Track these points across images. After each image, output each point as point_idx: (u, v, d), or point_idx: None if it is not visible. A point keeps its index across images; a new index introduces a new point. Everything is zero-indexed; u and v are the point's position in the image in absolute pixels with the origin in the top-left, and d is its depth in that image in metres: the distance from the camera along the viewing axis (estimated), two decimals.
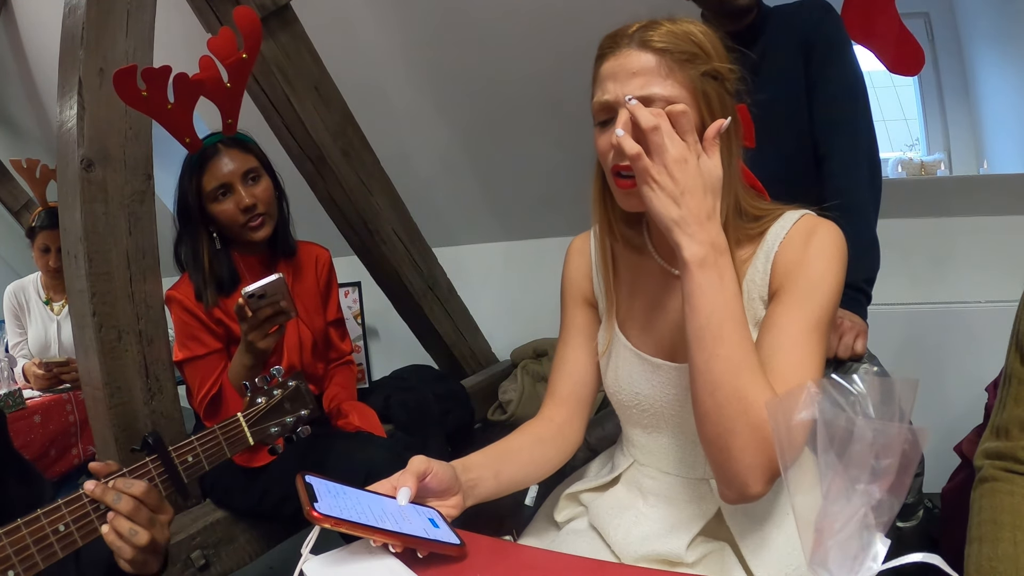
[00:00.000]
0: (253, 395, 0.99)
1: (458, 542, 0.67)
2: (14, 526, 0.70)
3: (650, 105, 0.73)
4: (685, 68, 0.74)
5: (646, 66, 0.74)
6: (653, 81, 0.74)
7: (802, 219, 0.81)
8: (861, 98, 1.35)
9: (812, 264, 0.77)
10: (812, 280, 0.76)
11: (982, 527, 0.73)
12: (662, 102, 0.73)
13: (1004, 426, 0.79)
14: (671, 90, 0.74)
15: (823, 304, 0.75)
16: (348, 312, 2.86)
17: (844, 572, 0.49)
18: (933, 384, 1.91)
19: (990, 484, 0.76)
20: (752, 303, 0.81)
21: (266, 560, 1.60)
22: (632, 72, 0.75)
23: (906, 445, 0.48)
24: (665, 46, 0.74)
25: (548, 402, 0.95)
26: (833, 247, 0.78)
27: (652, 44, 0.74)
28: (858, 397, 0.50)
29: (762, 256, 0.81)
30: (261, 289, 1.20)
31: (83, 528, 0.75)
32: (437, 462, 0.77)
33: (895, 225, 1.94)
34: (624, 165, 0.75)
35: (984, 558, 0.70)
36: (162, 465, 0.84)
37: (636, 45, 0.75)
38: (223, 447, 0.92)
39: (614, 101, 0.76)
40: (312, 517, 0.62)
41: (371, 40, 2.30)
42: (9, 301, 2.56)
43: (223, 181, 1.44)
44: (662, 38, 0.74)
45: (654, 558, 0.80)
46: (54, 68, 1.46)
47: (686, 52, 0.74)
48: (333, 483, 0.72)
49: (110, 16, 1.40)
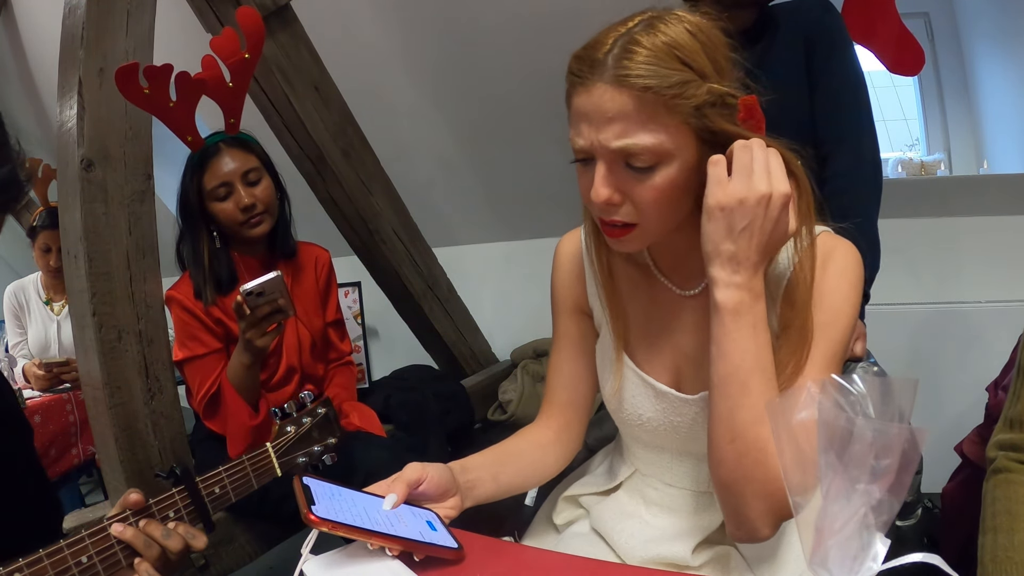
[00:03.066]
0: (283, 424, 0.95)
1: (455, 545, 0.67)
2: (35, 557, 0.68)
3: (631, 158, 0.65)
4: (673, 107, 0.64)
5: (624, 110, 0.64)
6: (632, 128, 0.64)
7: (819, 238, 0.73)
8: (862, 96, 1.35)
9: (832, 291, 0.71)
10: (832, 310, 0.71)
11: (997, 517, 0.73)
12: (649, 153, 0.65)
13: (1018, 418, 0.79)
14: (656, 137, 0.64)
15: (841, 334, 0.71)
16: (348, 312, 2.86)
17: (844, 572, 0.49)
18: (933, 384, 1.91)
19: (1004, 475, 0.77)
20: None
21: (266, 560, 1.60)
22: (608, 117, 0.65)
23: (906, 445, 0.48)
24: (646, 83, 0.63)
25: (545, 409, 0.93)
26: (851, 272, 0.72)
27: (629, 81, 0.63)
28: (858, 397, 0.50)
29: (772, 280, 0.75)
30: (259, 287, 1.20)
31: (106, 560, 0.72)
32: (432, 466, 0.75)
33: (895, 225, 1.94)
34: (614, 220, 0.70)
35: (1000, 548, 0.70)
36: (188, 497, 0.81)
37: (611, 81, 0.64)
38: (251, 478, 0.89)
39: (590, 148, 0.67)
40: (309, 521, 0.62)
41: (371, 40, 2.30)
42: (9, 301, 2.56)
43: (224, 180, 1.44)
44: (642, 71, 0.63)
45: (659, 561, 0.79)
46: (54, 68, 1.46)
47: (673, 85, 0.63)
48: (330, 484, 0.72)
49: (110, 16, 1.40)
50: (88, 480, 2.78)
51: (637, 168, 0.66)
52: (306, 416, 0.96)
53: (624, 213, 0.69)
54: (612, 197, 0.68)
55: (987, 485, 0.78)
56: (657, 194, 0.67)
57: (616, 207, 0.69)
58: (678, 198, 0.69)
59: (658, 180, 0.67)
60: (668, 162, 0.66)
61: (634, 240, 0.72)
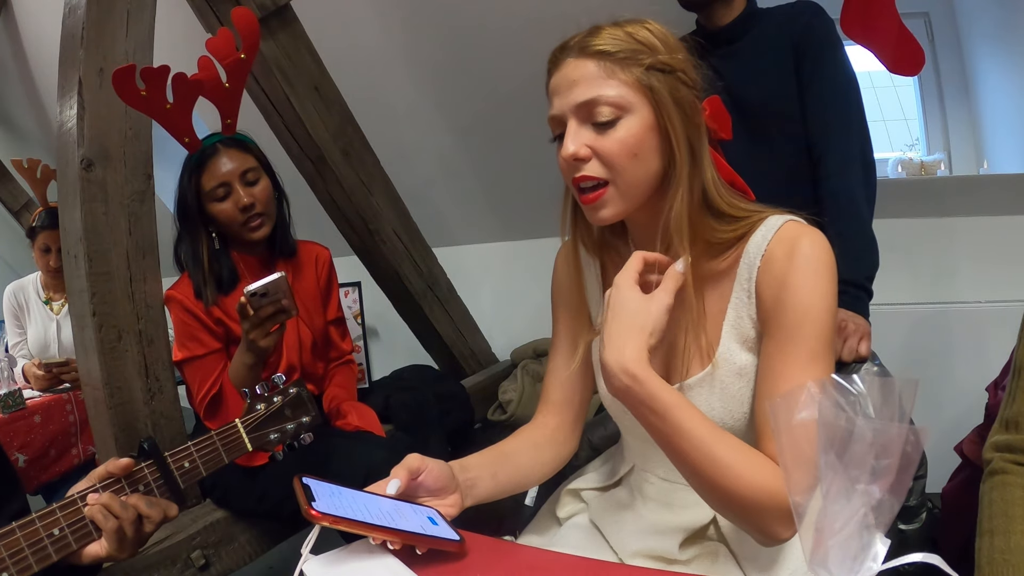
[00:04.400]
0: (252, 401, 0.99)
1: (457, 538, 0.67)
2: (8, 529, 0.71)
3: (596, 108, 0.73)
4: (627, 66, 0.73)
5: (586, 73, 0.74)
6: (594, 85, 0.73)
7: (784, 226, 0.75)
8: (854, 98, 1.36)
9: (799, 287, 0.72)
10: (802, 307, 0.71)
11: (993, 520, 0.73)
12: (607, 104, 0.73)
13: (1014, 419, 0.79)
14: (615, 90, 0.73)
15: (818, 330, 0.71)
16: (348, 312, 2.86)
17: (844, 572, 0.49)
18: (933, 384, 1.91)
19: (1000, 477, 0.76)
20: (741, 322, 0.78)
21: (266, 560, 1.60)
22: (573, 81, 0.74)
23: (906, 445, 0.47)
24: (604, 48, 0.74)
25: (542, 408, 0.95)
26: (819, 261, 0.72)
27: (591, 49, 0.74)
28: (858, 397, 0.50)
29: (745, 271, 0.77)
30: (263, 288, 1.20)
31: (77, 532, 0.76)
32: (433, 460, 0.77)
33: (895, 225, 1.94)
34: (583, 176, 0.75)
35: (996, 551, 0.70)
36: (158, 471, 0.84)
37: (575, 54, 0.75)
38: (220, 453, 0.92)
39: (560, 115, 0.76)
40: (310, 516, 0.62)
41: (371, 40, 2.30)
42: (9, 301, 2.56)
43: (222, 180, 1.44)
44: (601, 41, 0.74)
45: (648, 554, 0.81)
46: (54, 68, 1.46)
47: (626, 50, 0.73)
48: (330, 484, 0.72)
49: (110, 16, 1.40)
50: None
51: (601, 123, 0.74)
52: (277, 395, 1.00)
53: (593, 168, 0.75)
54: (580, 151, 0.74)
55: (983, 487, 0.78)
56: (620, 146, 0.74)
57: (584, 162, 0.75)
58: (642, 154, 0.75)
59: (620, 132, 0.73)
60: (627, 115, 0.74)
61: (609, 202, 0.76)
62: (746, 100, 1.41)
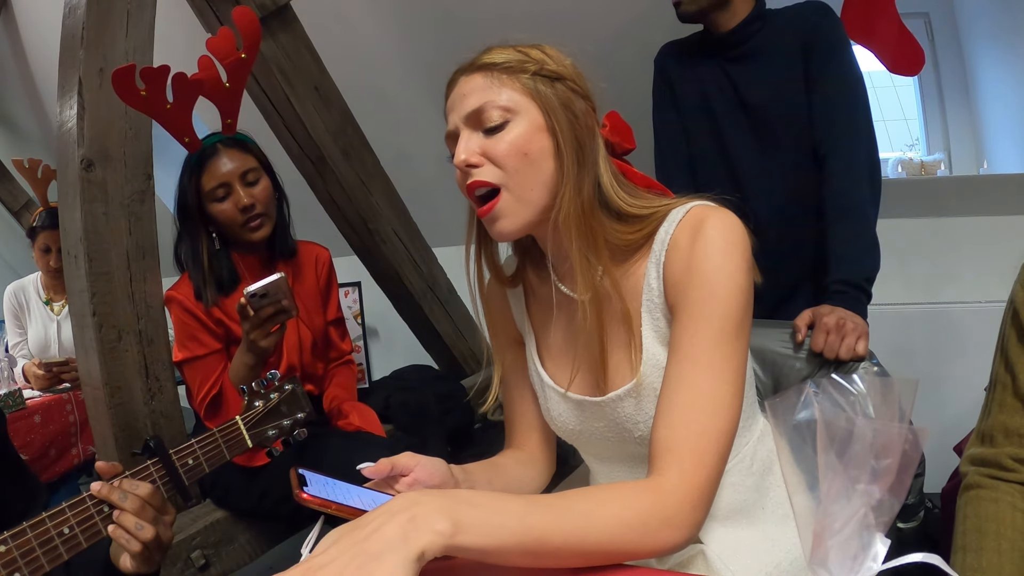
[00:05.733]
0: (250, 399, 1.00)
1: None
2: (19, 529, 0.71)
3: (484, 114, 0.74)
4: (513, 74, 0.75)
5: (475, 86, 0.75)
6: (482, 94, 0.75)
7: (689, 213, 0.74)
8: (861, 99, 1.35)
9: (701, 267, 0.70)
10: (706, 286, 0.69)
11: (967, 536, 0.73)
12: (495, 108, 0.74)
13: (989, 432, 0.79)
14: (502, 96, 0.74)
15: (725, 308, 0.68)
16: (348, 312, 2.86)
17: (844, 572, 0.49)
18: (933, 384, 1.91)
19: (975, 491, 0.76)
20: (656, 322, 0.76)
21: (266, 560, 1.60)
22: (463, 95, 0.76)
23: (906, 445, 0.48)
24: (490, 60, 0.76)
25: (509, 440, 0.96)
26: (722, 239, 0.70)
27: (477, 63, 0.76)
28: (858, 397, 0.50)
29: (653, 265, 0.75)
30: (263, 288, 1.20)
31: (87, 530, 0.76)
32: (427, 457, 0.78)
33: (895, 225, 1.94)
34: (476, 182, 0.75)
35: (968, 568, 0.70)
36: (163, 468, 0.86)
37: (465, 71, 0.77)
38: (222, 450, 0.94)
39: (453, 129, 0.77)
40: (300, 499, 0.63)
41: (371, 40, 2.30)
42: (9, 301, 2.56)
43: (222, 180, 1.44)
44: (488, 56, 0.76)
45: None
46: (54, 68, 1.46)
47: (512, 61, 0.75)
48: (326, 476, 0.73)
49: (110, 16, 1.40)
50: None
51: (490, 128, 0.74)
52: (273, 392, 1.02)
53: (485, 173, 0.75)
54: (471, 157, 0.74)
55: (959, 501, 0.77)
56: (510, 147, 0.73)
57: (478, 167, 0.75)
58: (533, 155, 0.74)
59: (510, 135, 0.74)
60: (515, 117, 0.74)
61: (506, 211, 0.75)
62: (754, 101, 1.41)
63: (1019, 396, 0.77)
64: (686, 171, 1.52)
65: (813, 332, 1.10)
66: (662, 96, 1.54)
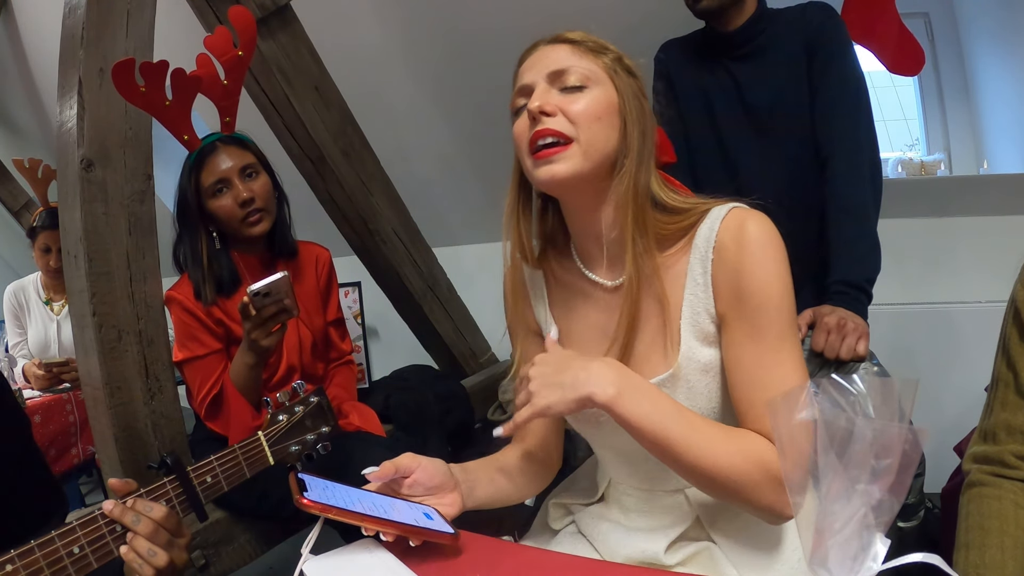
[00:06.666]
0: (275, 412, 0.95)
1: (451, 531, 0.68)
2: (27, 548, 0.68)
3: (565, 77, 0.77)
4: (596, 54, 0.80)
5: (561, 53, 0.79)
6: (569, 59, 0.78)
7: (729, 215, 0.77)
8: (863, 100, 1.35)
9: (755, 273, 0.73)
10: (762, 292, 0.73)
11: (970, 533, 0.73)
12: (580, 73, 0.77)
13: (991, 430, 0.79)
14: (587, 65, 0.78)
15: (781, 310, 0.73)
16: (348, 312, 2.86)
17: (844, 572, 0.49)
18: (933, 384, 1.91)
19: (977, 489, 0.76)
20: (698, 317, 0.78)
21: (266, 560, 1.60)
22: (546, 57, 0.80)
23: (906, 445, 0.47)
24: (576, 38, 0.80)
25: (518, 435, 0.96)
26: (768, 245, 0.74)
27: (562, 37, 0.81)
28: (858, 397, 0.50)
29: (698, 265, 0.78)
30: (266, 287, 1.20)
31: (98, 551, 0.73)
32: (428, 458, 0.78)
33: (895, 225, 1.94)
34: (546, 129, 0.76)
35: (971, 565, 0.70)
36: (180, 486, 0.81)
37: (549, 42, 0.82)
38: (243, 467, 0.89)
39: (530, 83, 0.80)
40: (301, 504, 0.63)
41: (371, 40, 2.30)
42: (9, 301, 2.56)
43: (221, 176, 1.44)
44: (572, 34, 0.81)
45: (637, 560, 0.81)
46: (54, 68, 1.46)
47: (594, 43, 0.80)
48: (325, 480, 0.72)
49: (110, 16, 1.39)
50: (88, 480, 2.79)
51: (570, 87, 0.77)
52: (298, 405, 0.96)
53: (558, 123, 0.76)
54: (546, 105, 0.76)
55: (962, 499, 0.78)
56: (587, 107, 0.76)
57: (550, 116, 0.77)
58: (605, 121, 0.77)
59: (587, 97, 0.77)
60: (594, 86, 0.78)
61: (569, 156, 0.76)
62: (756, 100, 1.41)
63: (1021, 394, 0.77)
64: (685, 169, 1.52)
65: (813, 332, 1.10)
66: (662, 93, 1.55)
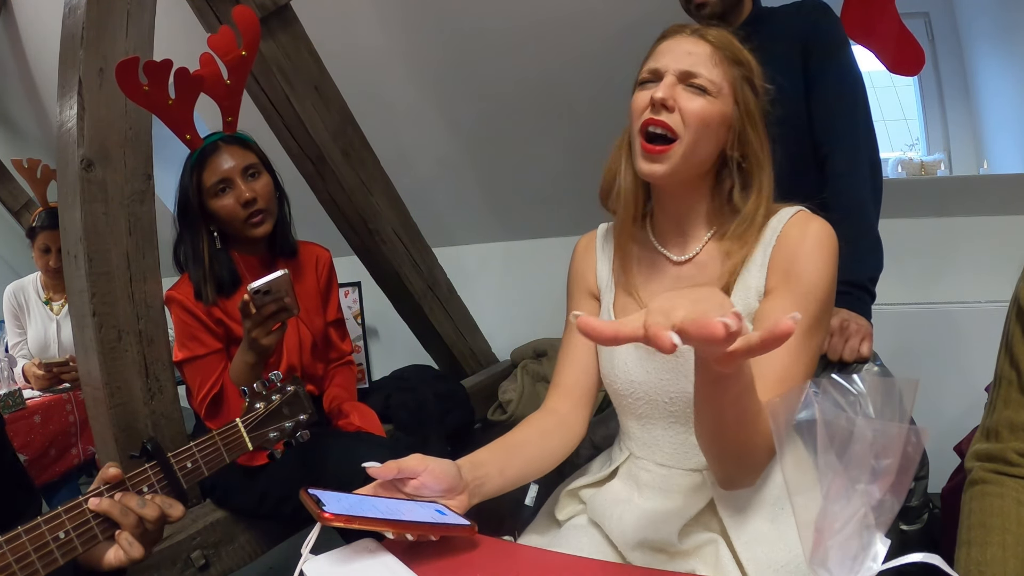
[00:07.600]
0: (252, 400, 0.99)
1: (468, 523, 0.69)
2: (14, 534, 0.71)
3: (695, 77, 0.82)
4: (731, 67, 0.84)
5: (701, 51, 0.83)
6: (702, 63, 0.82)
7: (797, 214, 0.85)
8: (860, 99, 1.35)
9: (808, 261, 0.80)
10: (809, 280, 0.79)
11: (972, 531, 0.73)
12: (708, 79, 0.82)
13: (994, 428, 0.79)
14: (717, 76, 0.82)
15: (819, 304, 0.79)
16: (348, 312, 2.86)
17: (844, 572, 0.49)
18: (933, 384, 1.90)
19: (980, 487, 0.77)
20: (748, 294, 0.84)
21: (266, 560, 1.60)
22: (687, 51, 0.83)
23: (906, 445, 0.47)
24: (718, 43, 0.84)
25: (552, 393, 0.97)
26: (828, 244, 0.81)
27: (707, 37, 0.84)
28: (858, 397, 0.50)
29: (760, 251, 0.84)
30: (266, 285, 1.20)
31: (83, 535, 0.75)
32: (436, 460, 0.77)
33: (895, 225, 1.94)
34: (660, 120, 0.81)
35: (973, 562, 0.70)
36: (161, 471, 0.84)
37: (693, 32, 0.85)
38: (222, 453, 0.92)
39: (662, 69, 0.83)
40: (324, 519, 0.63)
41: (372, 40, 2.30)
42: (9, 301, 2.56)
43: (223, 176, 1.43)
44: (716, 37, 0.84)
45: (648, 545, 0.82)
46: (54, 68, 1.46)
47: (734, 55, 0.84)
48: (334, 492, 0.72)
49: (110, 16, 1.40)
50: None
51: (693, 87, 0.82)
52: (275, 393, 1.01)
53: (672, 120, 0.82)
54: (668, 100, 0.81)
55: (964, 497, 0.78)
56: (702, 111, 0.81)
57: (668, 111, 0.82)
58: (713, 130, 0.83)
59: (706, 102, 0.82)
60: (715, 95, 0.82)
61: (673, 158, 0.82)
62: None
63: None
64: None
65: None
66: None
